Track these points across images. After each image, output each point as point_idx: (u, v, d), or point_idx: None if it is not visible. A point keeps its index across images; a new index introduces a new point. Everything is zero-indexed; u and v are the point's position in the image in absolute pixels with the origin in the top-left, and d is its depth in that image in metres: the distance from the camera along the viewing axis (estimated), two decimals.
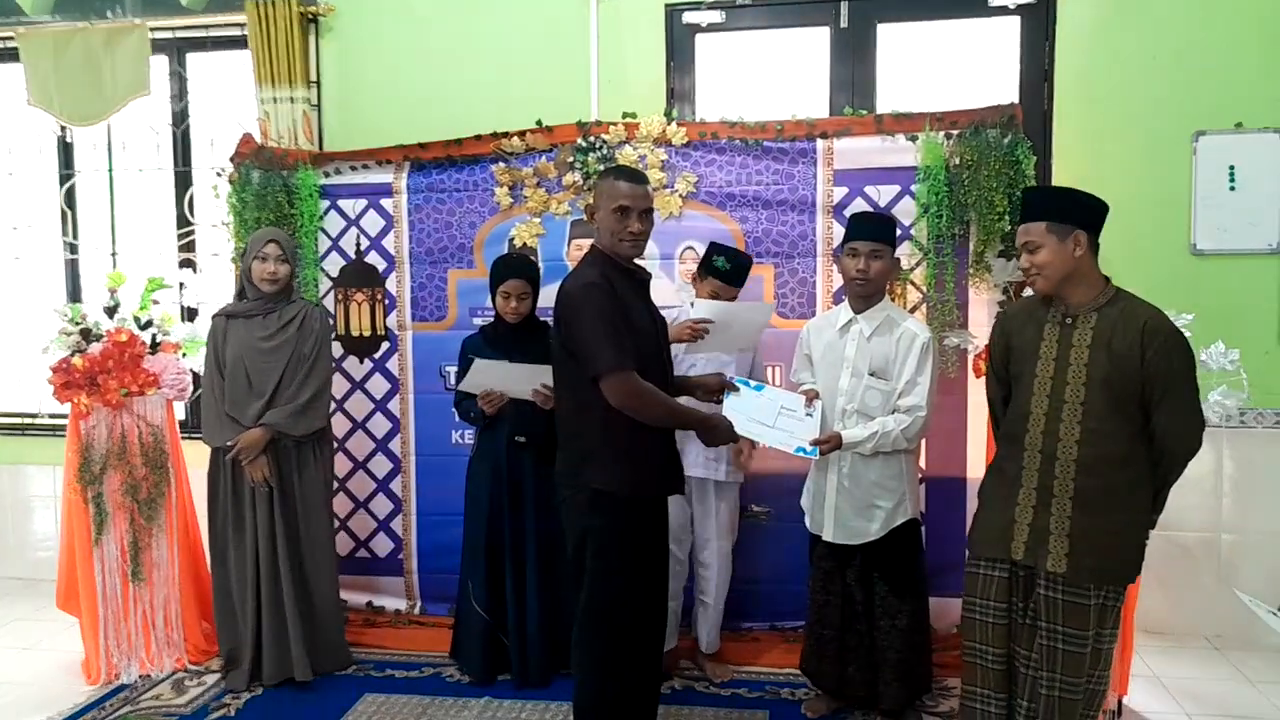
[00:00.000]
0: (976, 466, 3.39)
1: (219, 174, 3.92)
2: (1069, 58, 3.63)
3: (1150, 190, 3.51)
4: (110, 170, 4.51)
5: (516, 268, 3.33)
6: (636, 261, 2.68)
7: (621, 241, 2.57)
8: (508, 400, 3.24)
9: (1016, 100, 3.59)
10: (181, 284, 3.94)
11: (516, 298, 3.28)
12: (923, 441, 3.20)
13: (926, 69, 3.90)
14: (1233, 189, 3.50)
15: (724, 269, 3.20)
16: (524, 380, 3.18)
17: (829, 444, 2.85)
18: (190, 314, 4.21)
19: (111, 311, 3.58)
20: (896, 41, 3.89)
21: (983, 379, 3.01)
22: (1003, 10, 3.71)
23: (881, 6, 3.83)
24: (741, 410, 2.84)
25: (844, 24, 3.85)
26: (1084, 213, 2.46)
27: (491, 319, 3.45)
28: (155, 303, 3.64)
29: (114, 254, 4.54)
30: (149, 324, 3.61)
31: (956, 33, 3.90)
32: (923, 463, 3.44)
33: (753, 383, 2.96)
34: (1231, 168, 3.50)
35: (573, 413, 2.59)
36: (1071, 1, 3.62)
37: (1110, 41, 3.59)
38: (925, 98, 3.67)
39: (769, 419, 2.88)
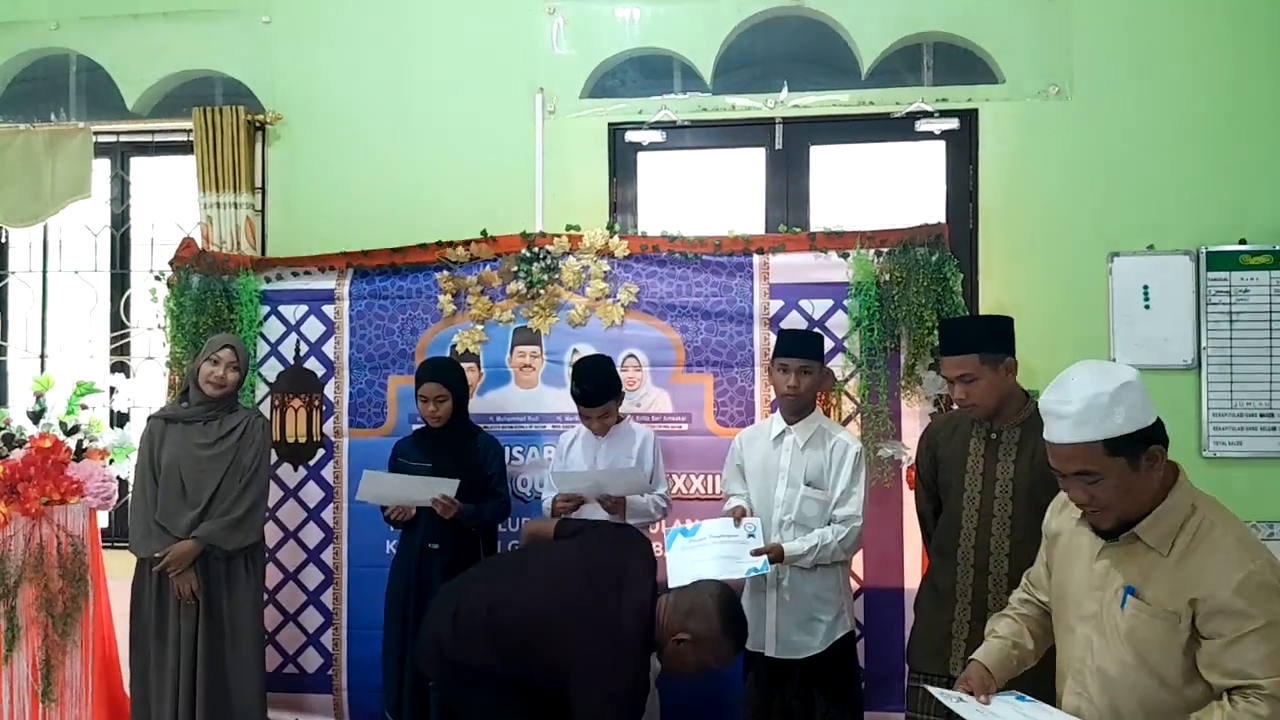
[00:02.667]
0: (913, 577, 3.41)
1: (158, 277, 3.89)
2: (991, 181, 3.82)
3: (1070, 307, 3.67)
4: (44, 272, 4.45)
5: (433, 371, 3.35)
6: None
7: (682, 670, 2.47)
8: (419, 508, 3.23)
9: (943, 220, 3.73)
10: (113, 388, 3.86)
11: (434, 401, 3.30)
12: (859, 553, 3.22)
13: (857, 188, 4.07)
14: (1147, 308, 3.67)
15: (578, 394, 3.22)
16: (420, 491, 3.18)
17: (771, 554, 2.86)
18: (120, 419, 4.11)
19: (37, 416, 3.49)
20: (828, 162, 4.06)
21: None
22: (928, 135, 3.90)
23: (813, 130, 4.01)
24: (681, 559, 2.87)
25: (778, 145, 4.02)
26: (1007, 338, 2.57)
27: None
28: (84, 407, 3.56)
29: (43, 356, 4.44)
30: (75, 429, 3.52)
31: (885, 155, 4.09)
32: (860, 573, 3.46)
33: (689, 524, 2.98)
34: (1145, 287, 3.67)
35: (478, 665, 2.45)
36: (992, 128, 3.82)
37: (1029, 167, 3.78)
38: (857, 215, 3.82)
39: (709, 554, 2.88)
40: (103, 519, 3.78)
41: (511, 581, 2.58)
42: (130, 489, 3.35)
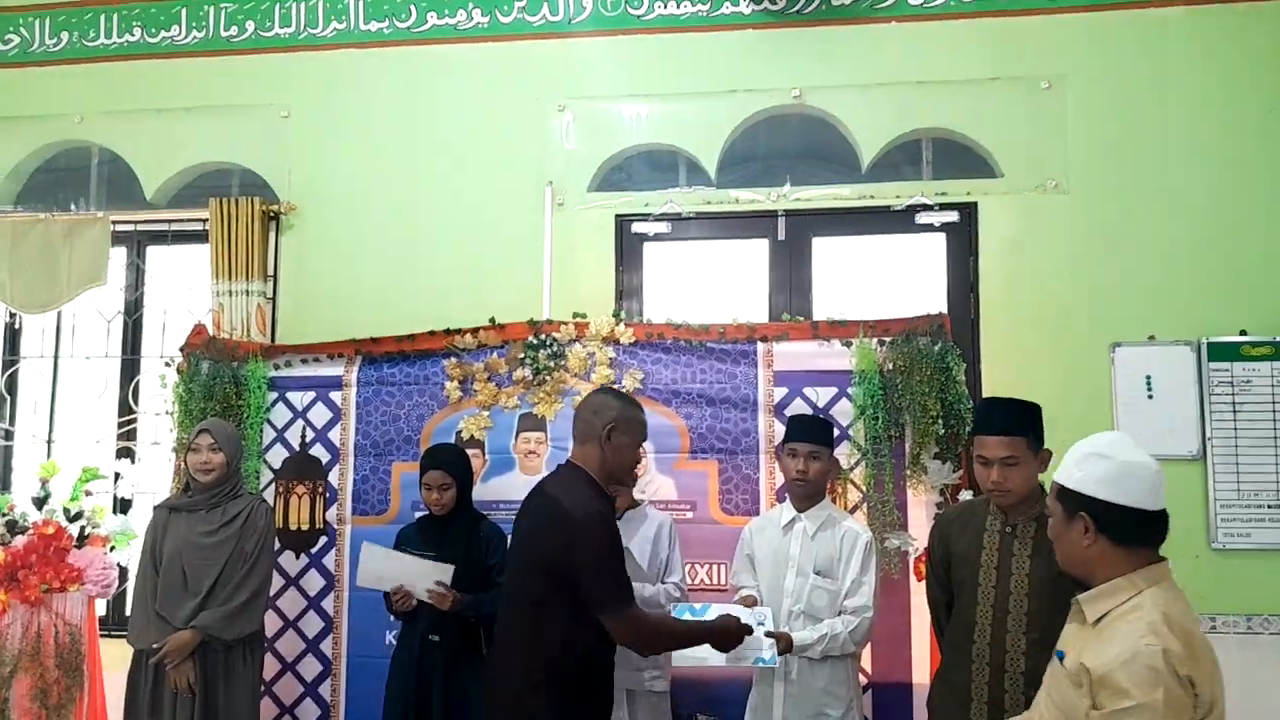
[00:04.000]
0: (921, 671, 3.34)
1: (168, 363, 3.93)
2: (992, 272, 3.88)
3: (1074, 397, 3.67)
4: (56, 357, 4.50)
5: (437, 459, 3.35)
6: None
7: (633, 475, 2.67)
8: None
9: (945, 309, 3.80)
10: (117, 474, 3.86)
11: (438, 489, 3.29)
12: (867, 647, 3.16)
13: (860, 277, 4.13)
14: (1150, 397, 3.68)
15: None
16: (418, 575, 3.15)
17: (781, 643, 2.81)
18: (124, 506, 4.10)
19: (41, 503, 3.49)
20: (831, 252, 4.13)
21: (923, 582, 3.02)
22: (928, 228, 3.98)
23: (815, 222, 4.09)
24: None
25: (781, 237, 4.09)
26: (1043, 429, 2.57)
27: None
28: (88, 494, 3.56)
29: (50, 441, 4.46)
30: (79, 515, 3.51)
31: (886, 246, 4.16)
32: (867, 667, 3.39)
33: (697, 606, 2.95)
34: (1148, 377, 3.70)
35: (521, 635, 2.45)
36: (991, 221, 3.89)
37: (1028, 258, 3.84)
38: (859, 304, 3.88)
39: None
40: (100, 607, 3.74)
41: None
42: (132, 579, 3.30)
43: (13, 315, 4.54)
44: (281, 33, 4.41)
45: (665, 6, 4.14)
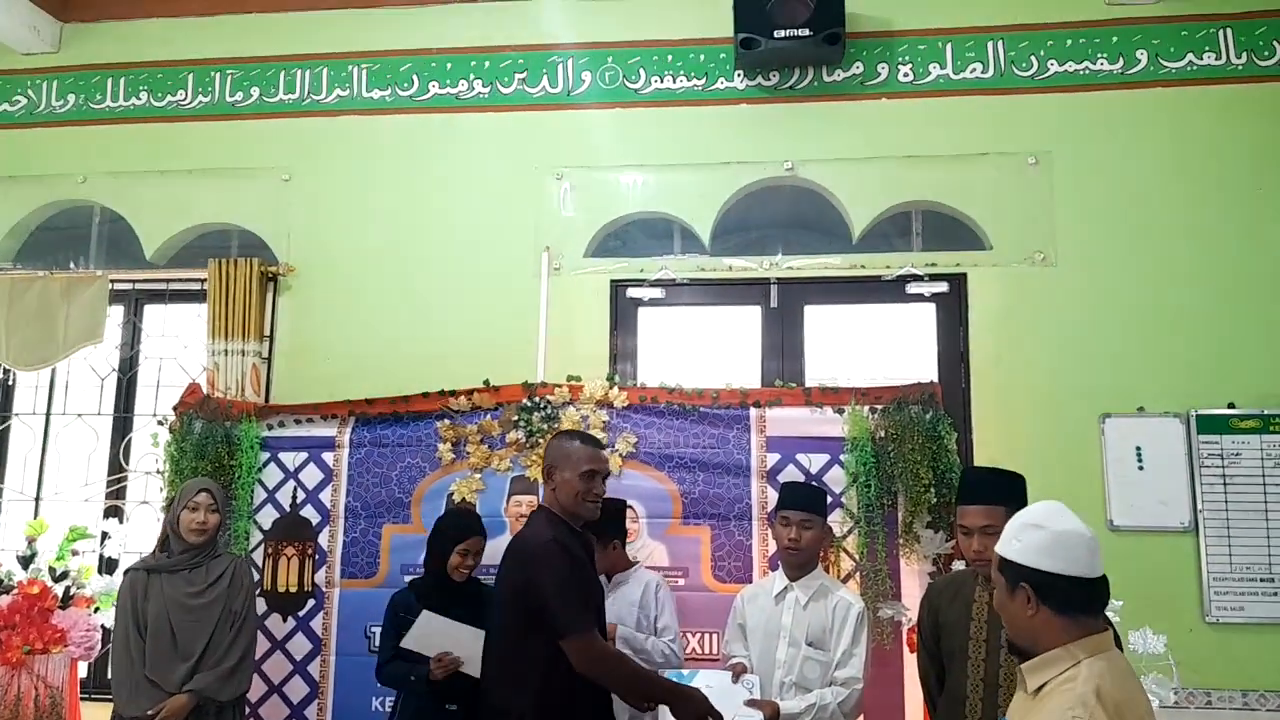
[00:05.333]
0: None
1: (160, 422, 3.93)
2: (982, 342, 3.92)
3: (1065, 467, 3.69)
4: (48, 414, 4.49)
5: (473, 525, 3.29)
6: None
7: (586, 503, 2.68)
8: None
9: (936, 378, 3.83)
10: (104, 534, 3.82)
11: (474, 554, 3.24)
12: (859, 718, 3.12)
13: (852, 345, 4.17)
14: (1141, 469, 3.70)
15: None
16: (470, 645, 3.01)
17: (767, 712, 2.77)
18: (110, 566, 4.05)
19: (27, 562, 3.45)
20: (822, 320, 4.18)
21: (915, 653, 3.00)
22: (919, 298, 4.04)
23: (807, 290, 4.15)
24: None
25: (774, 304, 4.14)
26: (1026, 498, 2.58)
27: (423, 575, 3.34)
28: (75, 553, 3.52)
29: (38, 499, 4.42)
30: (64, 575, 3.47)
31: (877, 314, 4.21)
32: None
33: (685, 670, 2.93)
34: (1138, 449, 3.72)
35: (511, 673, 2.53)
36: (980, 292, 3.95)
37: (1018, 328, 3.89)
38: (851, 371, 3.91)
39: None
40: (82, 669, 3.67)
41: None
42: (112, 645, 3.19)
43: (6, 372, 4.53)
44: (285, 98, 4.50)
45: (662, 81, 4.25)
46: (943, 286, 4.01)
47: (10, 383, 4.56)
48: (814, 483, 3.52)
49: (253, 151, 4.46)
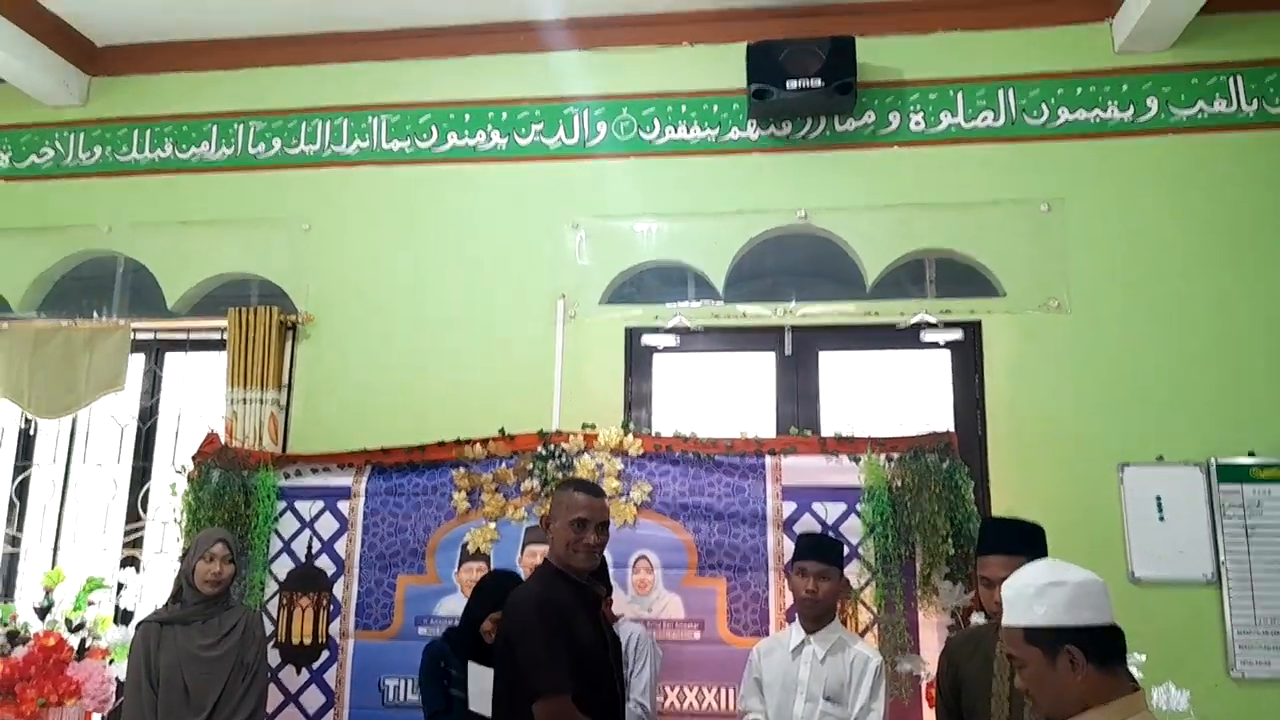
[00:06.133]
0: None
1: (179, 471, 3.95)
2: (997, 389, 3.89)
3: (1084, 517, 3.63)
4: (68, 463, 4.52)
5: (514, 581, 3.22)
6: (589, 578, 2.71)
7: (576, 553, 2.63)
8: None
9: (952, 426, 3.81)
10: (121, 584, 3.83)
11: None
12: None
13: (867, 392, 4.16)
14: (1162, 519, 3.66)
15: None
16: None
17: None
18: (126, 616, 4.06)
19: (44, 612, 3.47)
20: (837, 367, 4.17)
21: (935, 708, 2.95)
22: (933, 345, 4.03)
23: (822, 337, 4.15)
24: None
25: (788, 351, 4.15)
26: (1046, 550, 2.55)
27: (459, 625, 3.26)
28: (91, 604, 3.53)
29: (56, 548, 4.45)
30: (80, 626, 3.48)
31: (893, 361, 4.20)
32: None
33: None
34: (1158, 498, 3.68)
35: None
36: (995, 339, 3.94)
37: (1034, 376, 3.87)
38: (867, 416, 3.89)
39: None
40: None
41: None
42: (125, 697, 3.20)
43: (28, 421, 4.58)
44: (307, 150, 4.58)
45: (676, 131, 4.30)
46: (957, 334, 4.01)
47: (32, 432, 4.61)
48: (830, 533, 3.49)
49: (274, 202, 4.53)
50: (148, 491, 4.40)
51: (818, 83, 3.98)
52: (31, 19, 4.39)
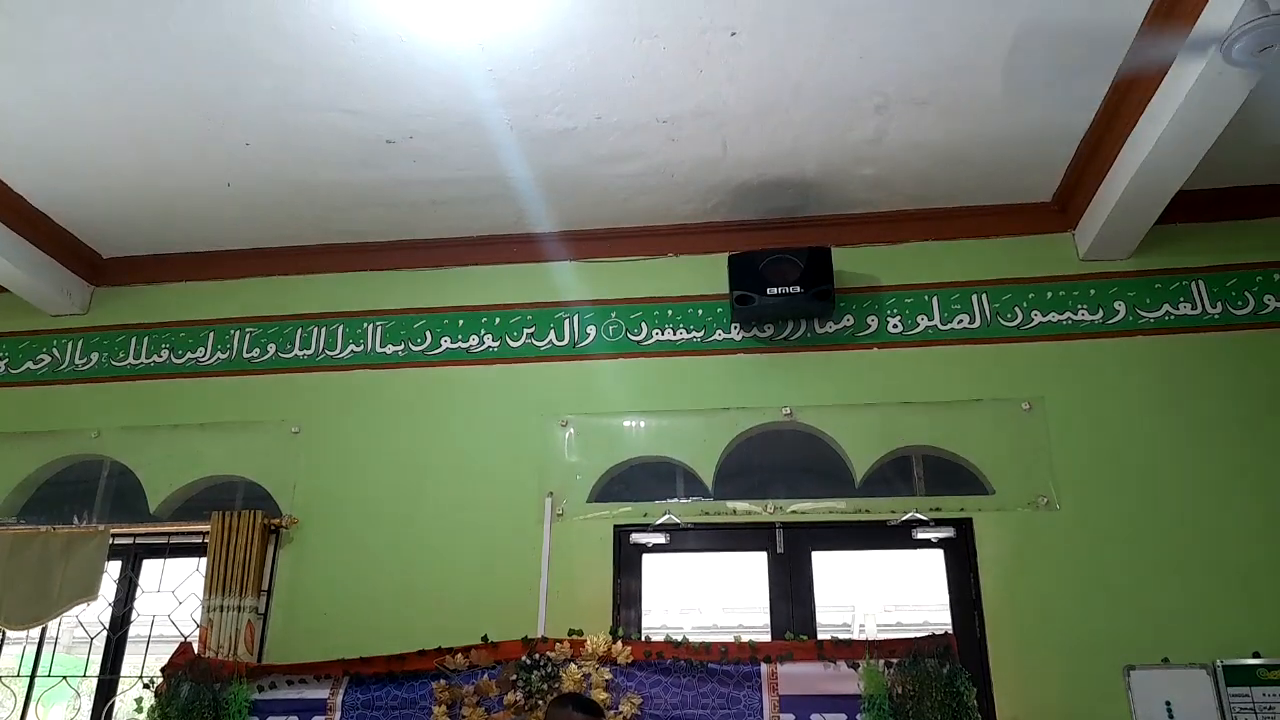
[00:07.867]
0: None
1: (146, 685, 3.78)
2: (993, 588, 3.82)
3: None
4: (33, 676, 4.31)
5: None
6: None
7: None
8: None
9: (949, 623, 3.72)
10: None
11: None
12: None
13: (862, 589, 4.10)
14: None
15: None
16: None
17: None
18: None
19: None
20: (831, 565, 4.12)
21: None
22: (926, 543, 3.99)
23: (814, 535, 4.11)
24: None
25: (780, 549, 4.10)
26: None
27: None
28: None
29: None
30: None
31: (887, 558, 4.15)
32: None
33: None
34: (1168, 703, 3.54)
35: None
36: (988, 537, 3.90)
37: (1029, 575, 3.81)
38: (864, 614, 3.81)
39: None
40: None
41: None
42: None
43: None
44: (300, 354, 4.67)
45: (663, 333, 4.44)
46: (949, 531, 3.98)
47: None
48: None
49: (264, 405, 4.58)
50: (113, 706, 4.18)
51: (797, 289, 4.15)
52: (38, 231, 4.54)
